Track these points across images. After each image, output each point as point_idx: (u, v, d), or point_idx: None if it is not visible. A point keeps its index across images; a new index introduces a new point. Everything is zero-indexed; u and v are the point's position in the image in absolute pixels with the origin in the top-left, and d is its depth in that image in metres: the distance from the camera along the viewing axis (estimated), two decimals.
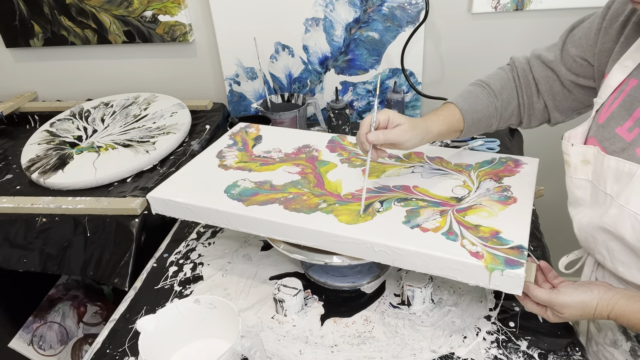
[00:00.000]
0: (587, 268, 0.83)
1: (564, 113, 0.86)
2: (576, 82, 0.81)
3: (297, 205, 0.82)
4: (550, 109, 0.86)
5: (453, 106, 0.85)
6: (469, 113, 0.84)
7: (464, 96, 0.86)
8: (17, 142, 1.44)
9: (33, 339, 1.42)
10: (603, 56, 0.76)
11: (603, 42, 0.76)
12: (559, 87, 0.83)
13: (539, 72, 0.84)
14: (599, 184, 0.71)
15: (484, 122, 0.87)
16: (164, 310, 0.72)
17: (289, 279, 0.86)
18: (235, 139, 1.07)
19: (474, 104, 0.85)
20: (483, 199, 0.81)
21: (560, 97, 0.84)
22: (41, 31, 1.50)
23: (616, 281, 0.76)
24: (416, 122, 0.80)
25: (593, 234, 0.74)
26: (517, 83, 0.87)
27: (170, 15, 1.41)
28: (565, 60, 0.81)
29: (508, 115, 0.88)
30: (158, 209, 0.91)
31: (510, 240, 0.71)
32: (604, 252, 0.73)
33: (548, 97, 0.85)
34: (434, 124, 0.82)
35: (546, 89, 0.84)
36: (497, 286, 0.68)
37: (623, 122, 0.69)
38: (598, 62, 0.77)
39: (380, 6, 1.31)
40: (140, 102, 1.47)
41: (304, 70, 1.43)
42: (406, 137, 0.77)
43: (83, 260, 1.08)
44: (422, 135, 0.80)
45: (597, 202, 0.72)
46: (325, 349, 0.78)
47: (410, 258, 0.72)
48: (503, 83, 0.87)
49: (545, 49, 0.85)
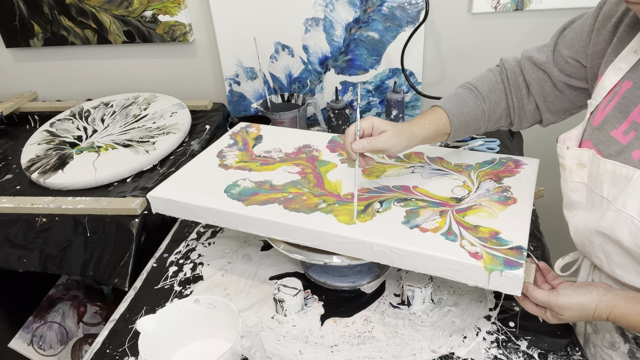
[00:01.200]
0: (583, 271, 0.82)
1: (556, 114, 0.85)
2: (568, 83, 0.81)
3: (297, 205, 0.82)
4: (541, 110, 0.85)
5: (440, 110, 0.85)
6: (455, 116, 0.84)
7: (452, 99, 0.86)
8: (17, 142, 1.44)
9: (33, 339, 1.42)
10: (596, 57, 0.75)
11: (595, 43, 0.75)
12: (551, 89, 0.82)
13: (530, 73, 0.84)
14: (595, 187, 0.70)
15: (472, 125, 0.86)
16: (164, 310, 0.72)
17: (289, 279, 0.86)
18: (236, 139, 1.07)
19: (461, 107, 0.84)
20: (483, 200, 0.81)
21: (552, 98, 0.83)
22: (41, 31, 1.50)
23: (613, 283, 0.75)
24: (401, 127, 0.80)
25: (589, 238, 0.73)
26: (505, 86, 0.86)
27: (170, 15, 1.41)
28: (557, 62, 0.81)
29: (496, 117, 0.87)
30: (158, 208, 0.91)
31: (510, 240, 0.71)
32: (601, 256, 0.73)
33: (539, 99, 0.84)
34: (419, 129, 0.82)
35: (537, 90, 0.84)
36: (496, 287, 0.68)
37: (618, 124, 0.68)
38: (591, 63, 0.76)
39: (380, 6, 1.31)
40: (140, 102, 1.47)
41: (304, 70, 1.43)
42: (391, 143, 0.77)
43: (83, 260, 1.08)
44: (408, 141, 0.80)
45: (593, 206, 0.72)
46: (325, 349, 0.78)
47: (410, 258, 0.72)
48: (491, 86, 0.86)
49: (536, 50, 0.84)
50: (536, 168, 0.89)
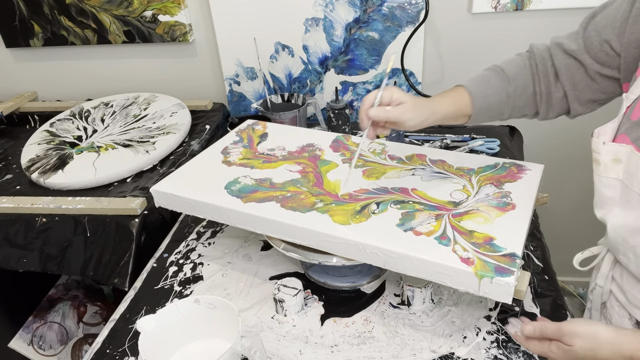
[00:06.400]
0: (604, 266, 0.79)
1: (585, 104, 0.81)
2: (600, 71, 0.76)
3: (294, 204, 0.82)
4: (570, 99, 0.81)
5: (463, 89, 0.82)
6: (478, 97, 0.81)
7: (476, 80, 0.83)
8: (17, 142, 1.44)
9: (33, 339, 1.42)
10: (632, 47, 0.71)
11: (632, 32, 0.70)
12: (582, 76, 0.78)
13: (560, 60, 0.79)
14: (631, 184, 0.68)
15: (495, 108, 0.83)
16: (164, 310, 0.72)
17: (289, 279, 0.86)
18: (242, 136, 1.07)
19: (484, 89, 0.82)
20: (481, 204, 0.80)
21: (582, 86, 0.79)
22: (41, 31, 1.50)
23: (634, 282, 0.73)
24: (421, 102, 0.78)
25: (625, 236, 0.70)
26: (534, 71, 0.82)
27: (170, 15, 1.41)
28: (589, 49, 0.76)
29: (522, 103, 0.84)
30: (161, 202, 0.92)
31: (504, 247, 0.70)
32: (630, 255, 0.70)
33: (569, 87, 0.80)
34: (440, 106, 0.80)
35: (567, 77, 0.79)
36: (486, 294, 0.66)
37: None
38: (625, 52, 0.72)
39: (380, 6, 1.31)
40: (140, 102, 1.47)
41: (303, 70, 1.43)
42: (408, 116, 0.76)
43: (83, 260, 1.08)
44: (426, 116, 0.78)
45: (628, 203, 0.69)
46: (325, 349, 0.78)
47: (401, 261, 0.71)
48: (518, 69, 0.83)
49: (566, 37, 0.80)
50: (540, 174, 0.87)
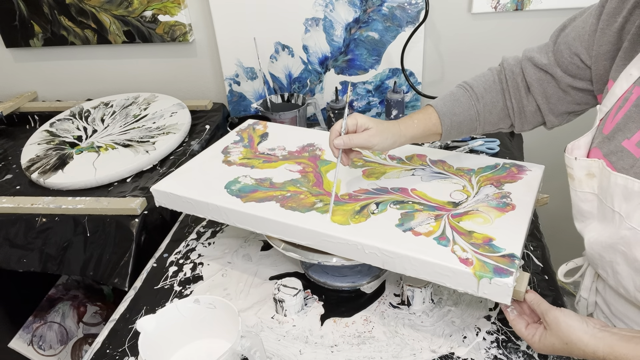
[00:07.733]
0: (587, 279, 0.80)
1: (560, 116, 0.82)
2: (572, 84, 0.77)
3: (293, 204, 0.82)
4: (543, 111, 0.82)
5: (431, 109, 0.84)
6: (447, 116, 0.83)
7: (445, 99, 0.84)
8: (17, 142, 1.44)
9: (33, 339, 1.42)
10: (601, 59, 0.72)
11: (600, 44, 0.71)
12: (554, 89, 0.79)
13: (531, 74, 0.80)
14: (605, 199, 0.67)
15: (465, 125, 0.84)
16: (164, 310, 0.72)
17: (289, 279, 0.86)
18: (242, 135, 1.07)
19: (452, 107, 0.83)
20: (480, 205, 0.79)
21: (555, 99, 0.80)
22: (41, 31, 1.50)
23: (617, 296, 0.74)
24: (387, 125, 0.80)
25: (600, 252, 0.70)
26: (504, 86, 0.84)
27: (170, 15, 1.41)
28: (560, 62, 0.77)
29: (494, 119, 0.85)
30: (161, 202, 0.92)
31: (503, 248, 0.70)
32: (608, 270, 0.70)
33: (542, 100, 0.81)
34: (407, 128, 0.82)
35: (539, 91, 0.80)
36: (485, 294, 0.66)
37: (630, 134, 0.65)
38: (595, 65, 0.73)
39: (380, 6, 1.31)
40: (140, 102, 1.47)
41: (303, 70, 1.43)
42: (374, 140, 0.77)
43: (83, 260, 1.08)
44: (394, 139, 0.80)
45: (605, 218, 0.69)
46: (325, 349, 0.78)
47: (400, 261, 0.71)
48: (487, 86, 0.84)
49: (537, 50, 0.81)
50: (540, 174, 0.87)
